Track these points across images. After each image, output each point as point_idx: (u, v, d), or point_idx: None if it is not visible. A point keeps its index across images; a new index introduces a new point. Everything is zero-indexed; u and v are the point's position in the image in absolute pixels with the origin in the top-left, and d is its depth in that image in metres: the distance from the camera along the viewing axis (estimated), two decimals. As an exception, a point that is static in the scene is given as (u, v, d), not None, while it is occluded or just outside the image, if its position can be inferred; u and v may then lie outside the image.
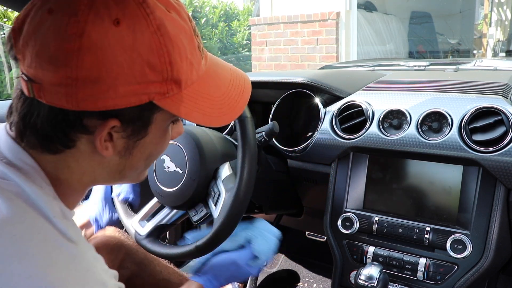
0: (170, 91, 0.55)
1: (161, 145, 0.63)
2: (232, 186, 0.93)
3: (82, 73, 0.49)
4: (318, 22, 4.97)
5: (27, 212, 0.52)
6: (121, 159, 0.59)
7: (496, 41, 6.12)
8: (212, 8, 8.49)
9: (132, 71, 0.51)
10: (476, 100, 1.04)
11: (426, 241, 1.03)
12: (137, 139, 0.58)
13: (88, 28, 0.49)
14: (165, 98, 0.54)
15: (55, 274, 0.49)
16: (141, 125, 0.57)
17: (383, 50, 5.44)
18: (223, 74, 0.64)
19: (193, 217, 1.01)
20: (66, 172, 0.58)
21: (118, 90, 0.51)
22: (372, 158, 1.14)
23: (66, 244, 0.52)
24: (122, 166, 0.61)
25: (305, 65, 5.17)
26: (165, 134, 0.62)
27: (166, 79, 0.54)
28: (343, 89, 1.24)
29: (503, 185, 0.97)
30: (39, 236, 0.50)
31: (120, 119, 0.54)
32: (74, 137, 0.55)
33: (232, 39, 8.50)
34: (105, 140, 0.55)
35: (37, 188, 0.54)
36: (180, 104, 0.56)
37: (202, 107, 0.59)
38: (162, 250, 1.00)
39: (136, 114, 0.55)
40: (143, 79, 0.52)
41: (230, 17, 8.86)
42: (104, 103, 0.51)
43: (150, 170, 1.05)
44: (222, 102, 0.62)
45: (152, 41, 0.52)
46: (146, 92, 0.53)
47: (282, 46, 5.35)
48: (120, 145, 0.57)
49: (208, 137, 1.03)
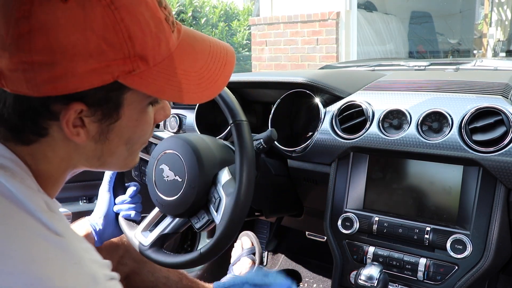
0: (137, 69, 0.51)
1: (141, 128, 0.60)
2: (232, 191, 0.93)
3: (37, 57, 0.48)
4: (318, 22, 4.97)
5: (9, 209, 0.50)
6: (96, 144, 0.57)
7: (496, 41, 6.12)
8: (212, 8, 8.49)
9: (87, 50, 0.48)
10: (476, 100, 1.04)
11: (426, 241, 1.03)
12: (110, 123, 0.55)
13: (35, 9, 0.47)
14: (131, 76, 0.51)
15: (41, 269, 0.47)
16: (111, 107, 0.54)
17: (383, 50, 5.44)
18: (201, 47, 0.60)
19: (195, 224, 1.01)
20: (44, 162, 0.56)
21: (76, 71, 0.49)
22: (372, 158, 1.14)
23: (51, 237, 0.50)
24: (99, 152, 0.59)
25: (305, 65, 5.17)
26: (144, 116, 0.59)
27: (128, 56, 0.50)
28: (343, 89, 1.24)
29: (503, 185, 0.97)
30: (23, 233, 0.49)
31: (86, 102, 0.52)
32: (44, 124, 0.53)
33: (232, 39, 8.51)
34: (76, 125, 0.53)
35: (18, 182, 0.52)
36: (151, 82, 0.53)
37: (177, 83, 0.55)
38: (166, 259, 1.00)
39: (103, 95, 0.52)
40: (102, 58, 0.49)
41: (230, 17, 8.87)
42: (64, 86, 0.49)
43: (149, 180, 1.06)
44: (200, 77, 0.58)
45: (106, 16, 0.49)
46: (108, 71, 0.50)
47: (282, 46, 5.35)
48: (93, 130, 0.55)
49: (206, 143, 1.03)
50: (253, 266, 1.91)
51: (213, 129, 1.44)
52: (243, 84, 1.43)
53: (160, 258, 1.01)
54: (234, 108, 0.95)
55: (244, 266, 1.89)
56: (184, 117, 1.62)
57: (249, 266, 1.90)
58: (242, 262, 1.47)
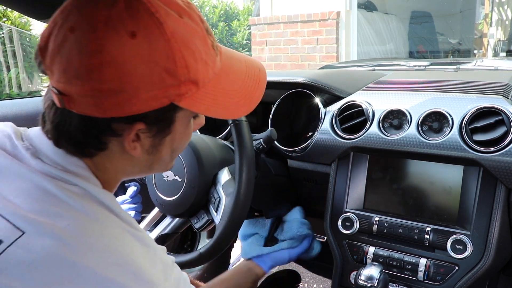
0: (189, 91, 0.57)
1: (185, 139, 0.68)
2: (232, 191, 0.92)
3: (106, 86, 0.53)
4: (318, 22, 4.97)
5: (99, 210, 0.58)
6: (149, 156, 0.63)
7: (496, 41, 6.12)
8: (212, 8, 8.49)
9: (151, 79, 0.54)
10: (477, 100, 1.04)
11: (427, 241, 1.03)
12: (162, 137, 0.62)
13: (106, 43, 0.52)
14: (184, 98, 0.58)
15: (138, 259, 0.56)
16: (165, 124, 0.61)
17: (383, 50, 5.44)
18: (238, 67, 0.67)
19: (195, 224, 1.01)
20: (103, 173, 0.63)
21: (141, 97, 0.54)
22: (372, 158, 1.14)
23: (135, 233, 0.59)
24: (150, 162, 0.65)
25: (305, 65, 5.17)
26: (188, 128, 0.66)
27: (184, 82, 0.56)
28: (343, 89, 1.24)
29: (503, 185, 0.97)
30: (117, 231, 0.57)
31: (145, 121, 0.58)
32: (105, 140, 0.59)
33: (232, 39, 8.51)
34: (133, 140, 0.59)
35: (97, 187, 0.60)
36: (199, 102, 0.59)
37: (220, 102, 0.62)
38: None
39: (159, 115, 0.58)
40: (162, 84, 0.55)
41: (230, 16, 8.86)
42: (129, 109, 0.55)
43: (149, 180, 1.06)
44: (239, 95, 0.65)
45: (168, 49, 0.55)
46: (166, 96, 0.56)
47: (282, 46, 5.35)
48: (147, 144, 0.61)
49: (205, 143, 1.03)
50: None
51: (213, 129, 1.44)
52: (243, 84, 1.43)
53: None
54: None
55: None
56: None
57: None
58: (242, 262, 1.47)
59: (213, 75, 0.61)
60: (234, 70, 0.66)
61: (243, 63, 0.69)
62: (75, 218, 0.55)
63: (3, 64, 6.17)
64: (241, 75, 0.67)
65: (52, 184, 0.57)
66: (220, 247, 0.92)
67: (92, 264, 0.52)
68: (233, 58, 0.67)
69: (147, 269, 0.56)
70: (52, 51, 0.55)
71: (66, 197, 0.56)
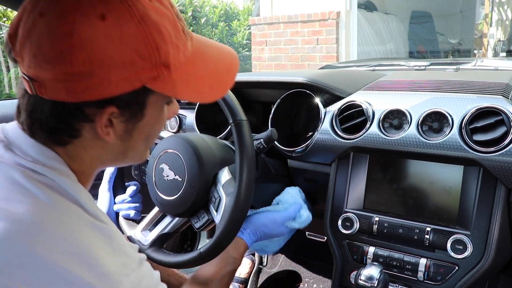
0: (161, 75, 0.58)
1: (159, 125, 0.68)
2: (232, 191, 0.92)
3: (77, 69, 0.53)
4: (318, 22, 4.97)
5: (62, 201, 0.58)
6: (122, 142, 0.63)
7: (496, 41, 6.12)
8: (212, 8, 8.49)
9: (122, 62, 0.55)
10: (477, 100, 1.04)
11: (427, 241, 1.03)
12: (135, 122, 0.62)
13: (76, 26, 0.52)
14: (156, 81, 0.58)
15: (97, 251, 0.56)
16: (137, 109, 0.61)
17: (383, 50, 5.44)
18: (210, 53, 0.68)
19: (195, 224, 1.01)
20: (78, 162, 0.63)
21: (112, 80, 0.55)
22: (372, 158, 1.14)
23: (100, 225, 0.59)
24: (124, 148, 0.65)
25: (305, 65, 5.17)
26: (161, 114, 0.66)
27: (155, 64, 0.57)
28: (343, 89, 1.24)
29: (503, 185, 0.97)
30: (78, 222, 0.57)
31: (117, 105, 0.58)
32: (77, 126, 0.59)
33: (232, 39, 8.50)
34: (105, 126, 0.59)
35: (66, 179, 0.60)
36: (171, 85, 0.60)
37: (193, 86, 0.63)
38: (166, 258, 1.00)
39: (131, 99, 0.59)
40: (134, 67, 0.56)
41: (230, 17, 8.86)
42: (100, 92, 0.55)
43: (149, 179, 1.06)
44: (211, 79, 0.66)
45: (138, 31, 0.55)
46: (138, 79, 0.57)
47: (282, 46, 5.35)
48: (120, 130, 0.61)
49: (206, 143, 1.03)
50: (253, 266, 1.91)
51: (213, 129, 1.44)
52: (243, 84, 1.43)
53: (160, 257, 1.01)
54: (235, 107, 0.95)
55: (244, 266, 1.90)
56: (184, 117, 1.62)
57: (249, 267, 1.90)
58: (242, 262, 1.47)
59: (184, 59, 0.62)
60: (206, 56, 0.66)
61: (215, 49, 0.69)
62: (35, 206, 0.55)
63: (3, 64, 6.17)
64: (213, 60, 0.67)
65: (21, 175, 0.57)
66: (220, 247, 0.92)
67: (44, 252, 0.52)
68: (205, 45, 0.68)
69: (105, 261, 0.56)
70: (22, 37, 0.55)
71: (31, 186, 0.56)
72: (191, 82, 0.63)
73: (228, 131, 1.34)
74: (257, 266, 1.90)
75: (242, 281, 1.83)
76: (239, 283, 1.81)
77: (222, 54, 0.70)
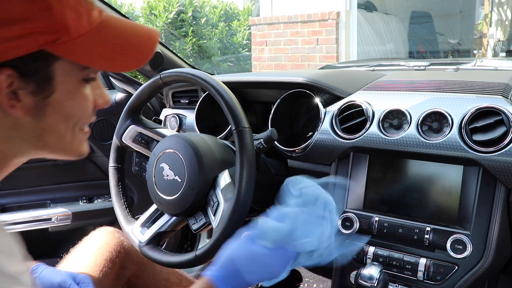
0: (60, 38, 0.55)
1: (79, 103, 0.61)
2: (231, 196, 0.93)
3: None
4: (318, 22, 4.97)
5: None
6: (34, 120, 0.58)
7: (496, 41, 6.12)
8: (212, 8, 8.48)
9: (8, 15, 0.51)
10: (476, 100, 1.04)
11: (426, 241, 1.03)
12: (45, 96, 0.57)
13: None
14: (56, 45, 0.55)
15: None
16: (42, 79, 0.56)
17: (383, 50, 5.44)
18: (123, 24, 0.64)
19: (192, 225, 1.01)
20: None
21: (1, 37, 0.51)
22: (372, 158, 1.14)
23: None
24: (39, 130, 0.59)
25: (305, 65, 5.17)
26: (80, 91, 0.61)
27: (49, 25, 0.54)
28: (343, 89, 1.24)
29: (503, 185, 0.97)
30: None
31: (16, 70, 0.53)
32: None
33: (232, 39, 8.50)
34: (10, 98, 0.54)
35: None
36: (76, 51, 0.56)
37: (103, 53, 0.60)
38: (162, 257, 1.00)
39: (31, 65, 0.55)
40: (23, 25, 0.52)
41: (230, 17, 8.86)
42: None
43: (149, 177, 1.06)
44: (125, 48, 0.62)
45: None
46: (32, 40, 0.53)
47: (282, 46, 5.35)
48: (28, 104, 0.56)
49: (207, 144, 1.03)
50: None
51: (213, 129, 1.44)
52: (243, 84, 1.43)
53: (156, 256, 1.01)
54: (238, 114, 0.95)
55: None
56: (184, 117, 1.62)
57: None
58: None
59: (89, 27, 0.58)
60: (118, 26, 0.63)
61: (129, 23, 0.66)
62: None
63: (3, 64, 6.14)
64: (125, 31, 0.63)
65: None
66: (216, 251, 0.92)
67: None
68: (117, 19, 0.65)
69: None
70: None
71: None
72: (99, 50, 0.59)
73: (228, 131, 1.34)
74: None
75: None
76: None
77: (137, 27, 0.66)
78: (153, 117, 1.34)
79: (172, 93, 1.72)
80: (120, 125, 1.18)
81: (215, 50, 7.97)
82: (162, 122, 1.65)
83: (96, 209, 1.86)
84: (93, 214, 1.85)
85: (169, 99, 1.74)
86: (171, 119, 1.64)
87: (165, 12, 7.31)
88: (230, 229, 0.90)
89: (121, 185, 1.17)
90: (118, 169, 1.18)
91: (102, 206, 1.88)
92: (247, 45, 8.30)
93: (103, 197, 1.93)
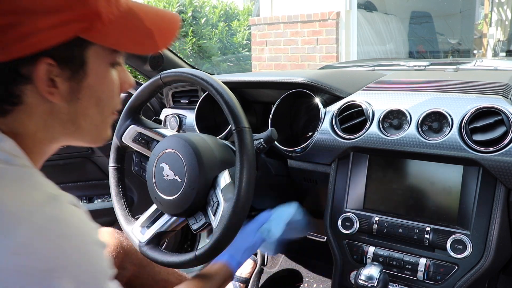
0: (94, 25, 0.57)
1: (108, 87, 0.64)
2: (231, 197, 0.93)
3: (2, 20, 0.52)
4: (318, 22, 4.97)
5: None
6: (69, 105, 0.60)
7: (496, 41, 6.12)
8: (212, 8, 8.48)
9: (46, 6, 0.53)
10: (476, 100, 1.04)
11: (426, 241, 1.03)
12: (79, 81, 0.60)
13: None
14: (90, 32, 0.57)
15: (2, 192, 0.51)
16: (77, 65, 0.59)
17: (383, 50, 5.44)
18: (148, 10, 0.67)
19: (192, 225, 1.01)
20: (23, 133, 0.59)
21: (39, 27, 0.53)
22: (372, 158, 1.14)
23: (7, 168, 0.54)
24: (73, 114, 0.62)
25: (305, 65, 5.17)
26: (108, 75, 0.64)
27: (85, 14, 0.56)
28: (343, 89, 1.24)
29: (503, 185, 0.97)
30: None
31: (53, 58, 0.56)
32: (17, 91, 0.56)
33: (232, 39, 8.50)
34: (48, 86, 0.57)
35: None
36: (108, 36, 0.59)
37: (132, 37, 0.62)
38: (162, 257, 1.00)
39: (67, 52, 0.57)
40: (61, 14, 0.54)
41: (230, 17, 8.85)
42: (30, 44, 0.53)
43: (149, 177, 1.06)
44: (151, 31, 0.65)
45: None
46: (69, 28, 0.55)
47: (282, 46, 5.35)
48: (64, 89, 0.58)
49: (207, 144, 1.03)
50: (254, 266, 1.91)
51: (213, 129, 1.44)
52: (243, 84, 1.43)
53: (156, 256, 1.01)
54: (238, 114, 0.95)
55: (246, 266, 1.89)
56: (184, 117, 1.62)
57: (251, 267, 1.90)
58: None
59: (118, 13, 0.60)
60: (144, 11, 0.65)
61: (153, 8, 0.69)
62: None
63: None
64: (151, 14, 0.66)
65: None
66: (216, 252, 0.92)
67: None
68: (141, 4, 0.67)
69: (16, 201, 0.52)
70: None
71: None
72: (129, 34, 0.62)
73: (228, 131, 1.34)
74: (259, 267, 1.90)
75: (243, 280, 1.83)
76: (240, 282, 1.81)
77: (159, 11, 0.69)
78: (153, 117, 1.34)
79: (172, 93, 1.72)
80: (120, 125, 1.18)
81: (215, 50, 7.97)
82: (162, 122, 1.65)
83: (96, 209, 1.86)
84: (93, 214, 1.82)
85: (169, 99, 1.74)
86: (171, 119, 1.65)
87: (165, 12, 7.29)
88: (230, 230, 0.90)
89: (121, 185, 1.17)
90: (118, 169, 1.18)
91: (102, 206, 1.88)
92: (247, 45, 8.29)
93: (103, 197, 1.93)
